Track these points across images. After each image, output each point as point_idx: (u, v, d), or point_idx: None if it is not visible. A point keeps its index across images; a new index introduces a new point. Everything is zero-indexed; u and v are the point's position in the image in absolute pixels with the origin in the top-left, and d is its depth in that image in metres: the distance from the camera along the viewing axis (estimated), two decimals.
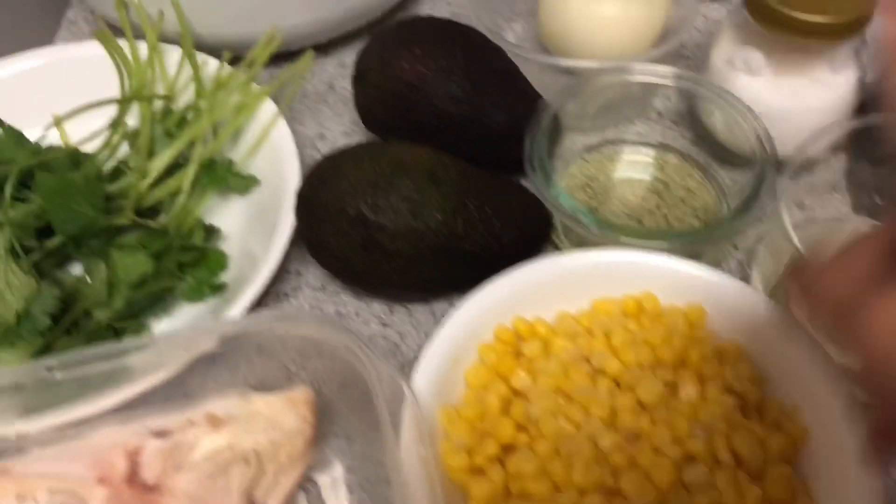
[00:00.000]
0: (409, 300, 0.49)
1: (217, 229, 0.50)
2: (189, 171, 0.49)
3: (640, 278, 0.43)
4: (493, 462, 0.38)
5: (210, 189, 0.51)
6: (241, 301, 0.44)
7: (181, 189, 0.49)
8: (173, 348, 0.39)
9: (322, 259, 0.46)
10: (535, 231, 0.46)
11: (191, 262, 0.48)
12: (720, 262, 0.49)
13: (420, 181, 0.43)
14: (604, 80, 0.50)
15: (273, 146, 0.52)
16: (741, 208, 0.44)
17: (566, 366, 0.40)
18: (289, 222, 0.47)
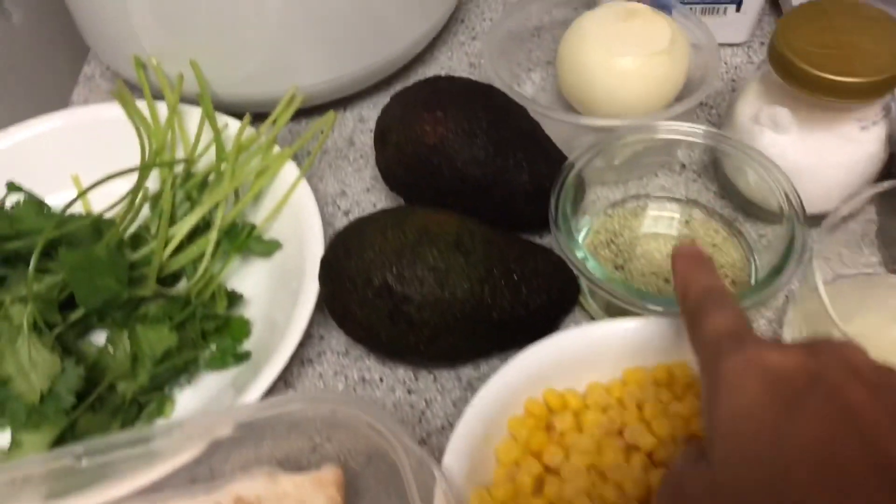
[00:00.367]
0: (434, 366, 0.48)
1: (239, 295, 0.50)
2: (211, 238, 0.49)
3: (672, 346, 0.42)
4: None
5: (232, 254, 0.50)
6: (266, 375, 0.43)
7: (203, 255, 0.49)
8: (199, 432, 0.38)
9: (347, 328, 0.45)
10: (562, 295, 0.46)
11: (214, 331, 0.48)
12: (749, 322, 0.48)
13: (446, 250, 0.43)
14: (630, 138, 0.49)
15: (295, 207, 0.51)
16: (773, 271, 0.44)
17: (599, 441, 0.40)
18: (313, 289, 0.46)
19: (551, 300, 0.45)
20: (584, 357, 0.42)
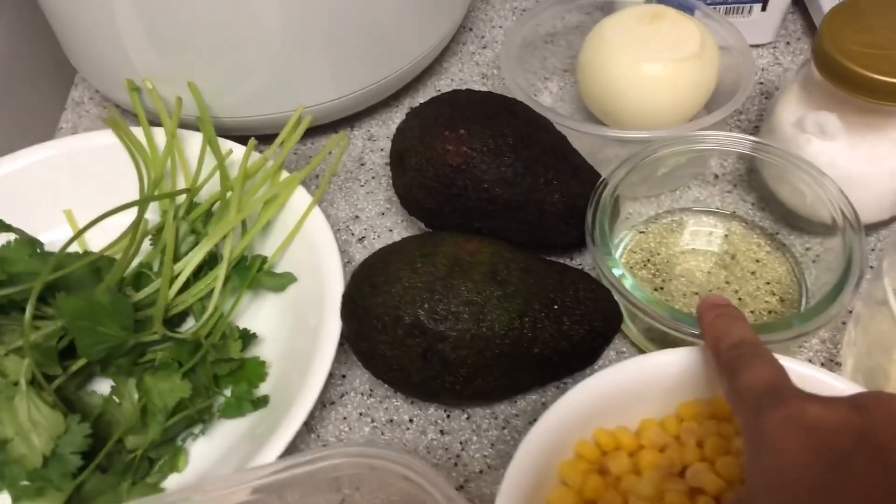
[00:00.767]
0: (469, 405, 0.45)
1: (252, 335, 0.46)
2: (219, 273, 0.45)
3: None
4: None
5: (243, 290, 0.47)
6: (289, 425, 0.40)
7: (211, 293, 0.45)
8: (219, 498, 0.35)
9: (375, 370, 0.42)
10: (605, 324, 0.42)
11: (227, 375, 0.44)
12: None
13: (481, 282, 0.39)
14: (668, 150, 0.46)
15: (308, 236, 0.48)
16: (834, 290, 0.40)
17: (659, 485, 0.36)
18: (334, 327, 0.43)
19: (594, 330, 0.42)
20: (635, 392, 0.39)
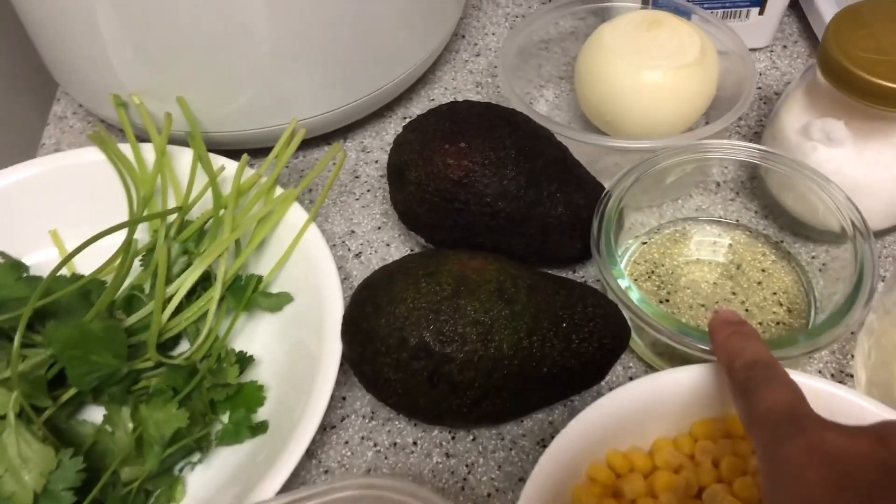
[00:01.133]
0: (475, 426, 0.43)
1: (250, 357, 0.45)
2: (214, 295, 0.44)
3: None
4: None
5: (238, 312, 0.45)
6: (290, 454, 0.38)
7: (206, 315, 0.44)
8: None
9: (379, 393, 0.40)
10: (615, 341, 0.41)
11: (224, 400, 0.43)
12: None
13: (487, 301, 0.38)
14: (674, 160, 0.45)
15: (304, 254, 0.46)
16: (847, 301, 0.39)
17: None
18: (335, 349, 0.41)
19: (603, 346, 0.41)
20: (647, 412, 0.38)
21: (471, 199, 0.44)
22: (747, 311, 0.46)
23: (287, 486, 0.38)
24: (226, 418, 0.43)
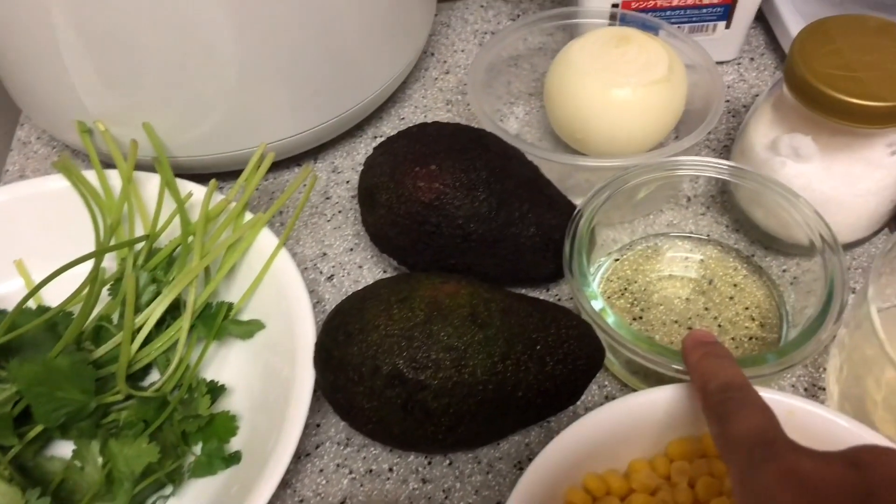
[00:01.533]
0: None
1: (221, 387, 0.44)
2: (183, 324, 0.43)
3: None
4: None
5: (209, 341, 0.45)
6: (265, 485, 0.37)
7: (176, 345, 0.43)
8: None
9: (353, 422, 0.40)
10: (589, 362, 0.41)
11: (196, 431, 0.42)
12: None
13: (461, 326, 0.38)
14: (644, 177, 0.45)
15: (275, 279, 0.46)
16: (819, 315, 0.40)
17: None
18: (308, 377, 0.41)
19: (577, 368, 0.41)
20: (623, 433, 0.38)
21: (442, 221, 0.43)
22: (720, 326, 0.46)
23: None
24: (198, 450, 0.42)
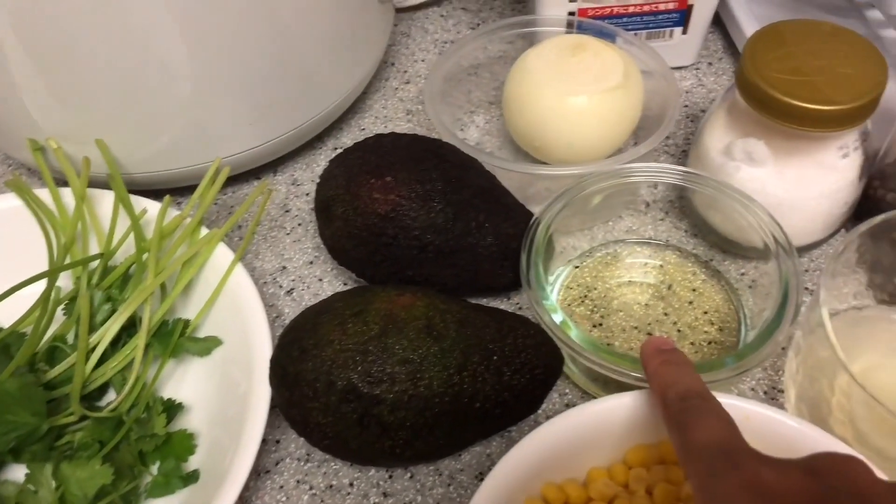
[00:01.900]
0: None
1: (178, 405, 0.43)
2: (139, 343, 0.43)
3: None
4: None
5: (165, 358, 0.44)
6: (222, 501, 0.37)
7: (132, 363, 0.43)
8: None
9: (310, 438, 0.39)
10: (547, 371, 0.41)
11: (153, 450, 0.41)
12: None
13: (416, 339, 0.38)
14: (600, 185, 0.45)
15: (232, 294, 0.45)
16: (776, 318, 0.40)
17: None
18: (264, 393, 0.41)
19: (535, 378, 0.40)
20: (582, 442, 0.38)
21: (399, 233, 0.43)
22: (679, 331, 0.46)
23: None
24: (155, 469, 0.42)
